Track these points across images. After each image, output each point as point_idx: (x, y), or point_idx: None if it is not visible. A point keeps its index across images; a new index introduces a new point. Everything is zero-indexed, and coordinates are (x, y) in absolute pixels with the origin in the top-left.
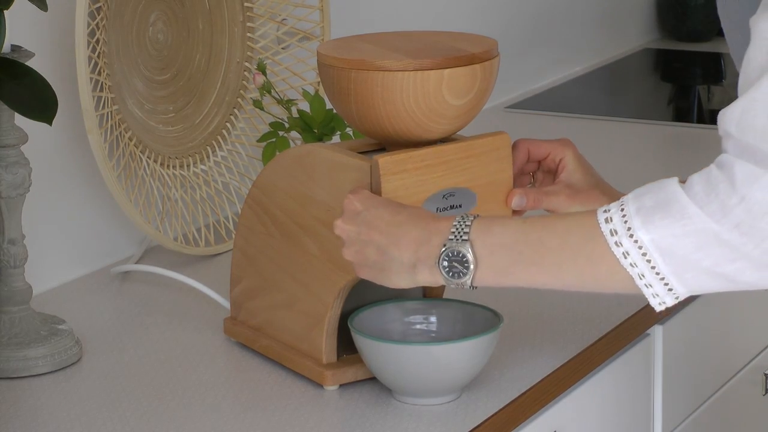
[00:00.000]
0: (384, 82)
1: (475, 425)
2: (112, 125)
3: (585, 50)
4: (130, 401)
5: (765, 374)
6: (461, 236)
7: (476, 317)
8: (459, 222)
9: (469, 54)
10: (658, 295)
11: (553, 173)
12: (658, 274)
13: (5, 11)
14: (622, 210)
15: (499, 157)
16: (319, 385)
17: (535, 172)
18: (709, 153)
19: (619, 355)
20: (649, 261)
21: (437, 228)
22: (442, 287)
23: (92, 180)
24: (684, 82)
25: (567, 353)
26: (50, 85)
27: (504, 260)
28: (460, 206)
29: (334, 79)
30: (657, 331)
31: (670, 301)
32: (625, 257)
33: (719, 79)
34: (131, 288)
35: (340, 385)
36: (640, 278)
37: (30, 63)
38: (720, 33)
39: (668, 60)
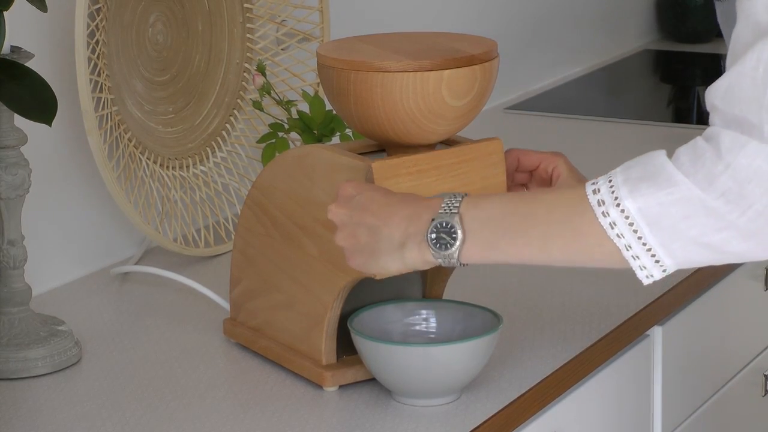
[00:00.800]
0: (383, 83)
1: (475, 426)
2: (111, 126)
3: (584, 51)
4: (130, 402)
5: (765, 375)
6: (451, 209)
7: (476, 318)
8: (449, 198)
9: (469, 55)
10: (645, 268)
11: (546, 183)
12: (645, 245)
13: (5, 12)
14: (610, 181)
15: (493, 163)
16: (319, 386)
17: (527, 183)
18: None
19: (619, 356)
20: (635, 231)
21: (428, 205)
22: (442, 287)
23: (92, 181)
24: (683, 83)
25: (567, 354)
26: (50, 86)
27: (491, 233)
28: None
29: (333, 80)
30: (656, 332)
31: (658, 275)
32: (612, 227)
33: None
34: (131, 289)
35: (340, 386)
36: (627, 249)
37: (29, 64)
38: (720, 34)
39: (668, 61)
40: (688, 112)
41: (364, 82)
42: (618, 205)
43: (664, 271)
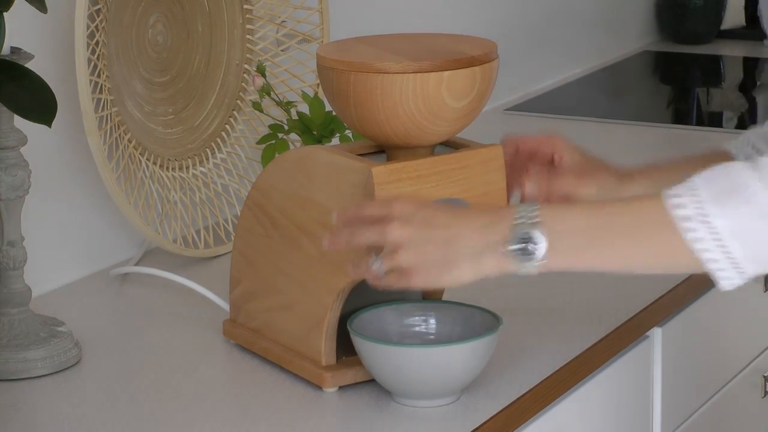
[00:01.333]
0: (383, 84)
1: (475, 427)
2: (111, 127)
3: (585, 52)
4: (130, 403)
5: (764, 376)
6: (530, 219)
7: (475, 319)
8: (525, 208)
9: (469, 56)
10: (729, 278)
11: (549, 164)
12: (732, 259)
13: (5, 13)
14: (695, 195)
15: (493, 169)
16: (319, 387)
17: (528, 167)
18: None
19: (619, 357)
20: (724, 247)
21: (502, 214)
22: (442, 289)
23: (91, 182)
24: (683, 85)
25: (566, 355)
26: (50, 87)
27: (573, 245)
28: None
29: (333, 81)
30: (656, 333)
31: (740, 282)
32: (699, 243)
33: (718, 81)
34: (130, 290)
35: (340, 387)
36: (714, 263)
37: (29, 65)
38: (720, 35)
39: (668, 62)
40: (688, 113)
41: (363, 83)
42: (707, 222)
43: (747, 278)
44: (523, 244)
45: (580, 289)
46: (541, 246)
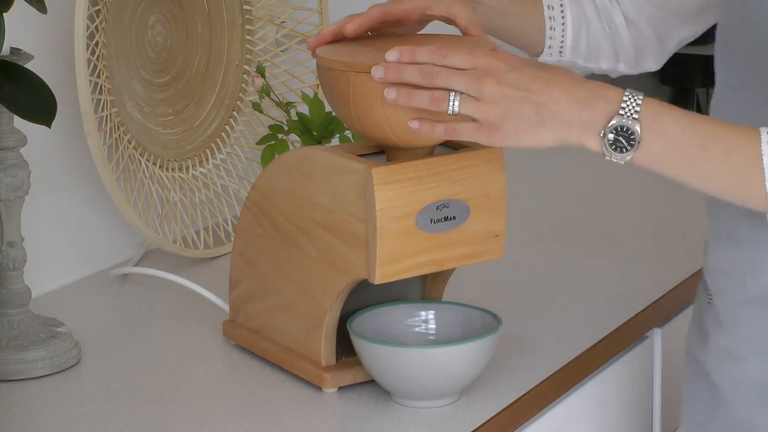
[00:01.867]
0: (383, 84)
1: (475, 428)
2: (111, 128)
3: None
4: (129, 404)
5: None
6: (632, 113)
7: (475, 320)
8: (630, 97)
9: None
10: None
11: (420, 25)
12: None
13: (4, 14)
14: None
15: (493, 169)
16: (318, 388)
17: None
18: None
19: (618, 357)
20: None
21: (605, 94)
22: (442, 289)
23: (91, 183)
24: (683, 86)
25: (566, 356)
26: (49, 88)
27: (664, 151)
28: (454, 218)
29: (333, 81)
30: (656, 334)
31: None
32: None
33: None
34: (130, 290)
35: (339, 388)
36: None
37: (29, 65)
38: None
39: (667, 63)
40: None
41: (363, 83)
42: None
43: None
44: (619, 138)
45: (579, 290)
46: (636, 143)
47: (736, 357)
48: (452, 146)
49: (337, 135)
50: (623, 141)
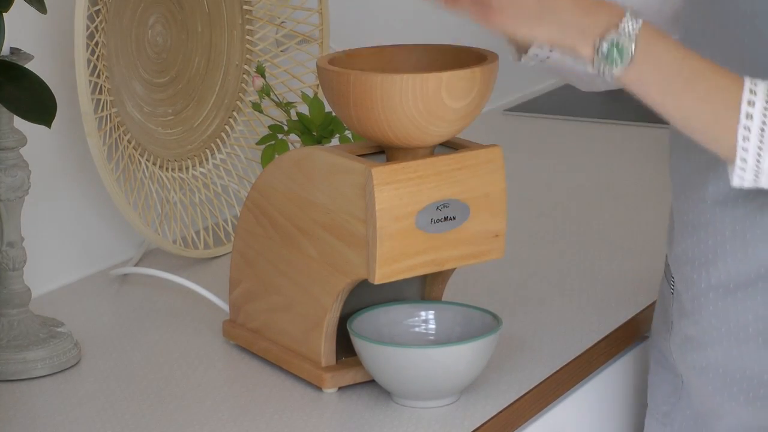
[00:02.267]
0: (383, 84)
1: (474, 428)
2: (111, 128)
3: None
4: (129, 404)
5: None
6: (629, 31)
7: (475, 320)
8: (630, 17)
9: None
10: (743, 178)
11: None
12: (758, 166)
13: (4, 13)
14: (766, 100)
15: (493, 170)
16: (318, 388)
17: None
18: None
19: (618, 358)
20: (760, 155)
21: (609, 9)
22: (442, 289)
23: (91, 183)
24: None
25: (566, 356)
26: (49, 88)
27: (651, 76)
28: (454, 218)
29: (333, 82)
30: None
31: (748, 185)
32: (745, 141)
33: None
34: (130, 290)
35: (339, 388)
36: (742, 161)
37: (29, 65)
38: None
39: None
40: None
41: (363, 83)
42: (763, 130)
43: (757, 185)
44: (612, 52)
45: (579, 291)
46: (627, 61)
47: (701, 344)
48: (452, 146)
49: (337, 135)
50: (616, 56)
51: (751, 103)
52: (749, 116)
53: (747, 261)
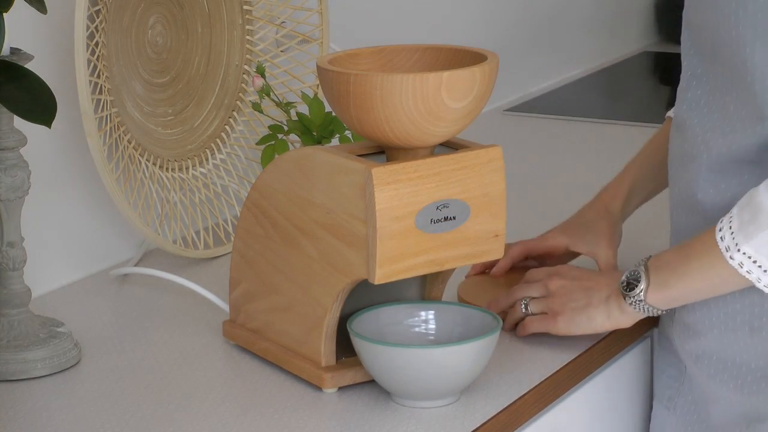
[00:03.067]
0: (383, 85)
1: (474, 428)
2: (111, 128)
3: (584, 53)
4: (129, 403)
5: None
6: (640, 263)
7: (474, 320)
8: (638, 263)
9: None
10: (759, 279)
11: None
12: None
13: (4, 14)
14: (731, 228)
15: (492, 170)
16: (318, 388)
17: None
18: None
19: (618, 358)
20: (760, 266)
21: (620, 271)
22: (441, 289)
23: (91, 183)
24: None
25: (566, 356)
26: (49, 88)
27: (663, 275)
28: (454, 218)
29: (333, 82)
30: (656, 334)
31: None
32: (741, 267)
33: None
34: (130, 291)
35: (339, 388)
36: (758, 282)
37: (29, 66)
38: None
39: (667, 63)
40: None
41: (363, 84)
42: (739, 250)
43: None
44: (629, 281)
45: None
46: (642, 280)
47: (697, 332)
48: (452, 146)
49: (337, 135)
50: (633, 282)
51: (722, 239)
52: (727, 249)
53: None
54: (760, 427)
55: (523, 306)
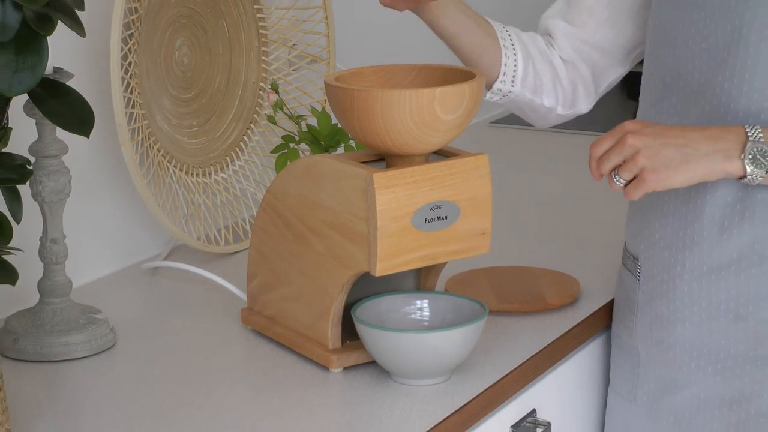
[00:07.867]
0: (383, 99)
1: (463, 403)
2: (142, 138)
3: None
4: (158, 382)
5: None
6: (759, 138)
7: (464, 308)
8: (750, 127)
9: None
10: None
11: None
12: None
13: (48, 37)
14: None
15: (480, 175)
16: (326, 368)
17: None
18: None
19: (588, 343)
20: None
21: (730, 129)
22: (435, 281)
23: (125, 187)
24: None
25: (543, 341)
26: (88, 103)
27: None
28: (446, 218)
29: (339, 97)
30: (612, 333)
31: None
32: None
33: None
34: (159, 282)
35: (344, 368)
36: None
37: (70, 83)
38: None
39: (633, 81)
40: None
41: (366, 99)
42: None
43: None
44: (758, 156)
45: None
46: None
47: (671, 322)
48: (444, 154)
49: (343, 144)
50: (761, 159)
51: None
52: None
53: (722, 247)
54: (747, 406)
55: (616, 179)
